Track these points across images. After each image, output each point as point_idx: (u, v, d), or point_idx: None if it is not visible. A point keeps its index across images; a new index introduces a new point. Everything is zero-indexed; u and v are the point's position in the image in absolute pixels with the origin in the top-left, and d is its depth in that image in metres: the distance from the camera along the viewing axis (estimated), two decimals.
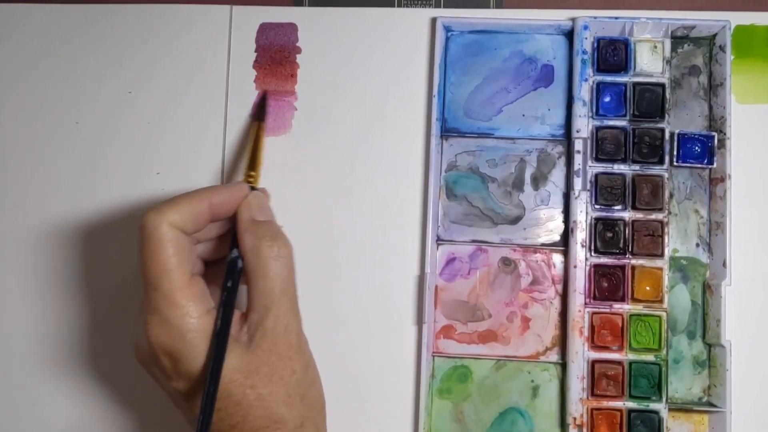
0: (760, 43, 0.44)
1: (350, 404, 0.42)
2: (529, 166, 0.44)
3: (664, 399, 0.41)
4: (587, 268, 0.42)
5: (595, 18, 0.43)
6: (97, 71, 0.46)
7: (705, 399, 0.42)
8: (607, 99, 0.43)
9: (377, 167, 0.44)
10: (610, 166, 0.42)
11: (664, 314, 0.41)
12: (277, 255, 0.35)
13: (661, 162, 0.42)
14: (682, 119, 0.43)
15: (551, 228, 0.43)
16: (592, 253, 0.42)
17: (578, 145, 0.43)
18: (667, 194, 0.42)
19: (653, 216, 0.42)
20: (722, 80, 0.43)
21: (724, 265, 0.41)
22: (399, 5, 0.45)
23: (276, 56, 0.45)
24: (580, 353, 0.41)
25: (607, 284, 0.42)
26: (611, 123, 0.43)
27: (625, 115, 0.43)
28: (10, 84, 0.46)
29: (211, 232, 0.37)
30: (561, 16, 0.44)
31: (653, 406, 0.41)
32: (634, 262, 0.42)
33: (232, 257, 0.36)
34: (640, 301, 0.42)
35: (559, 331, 0.43)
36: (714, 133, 0.42)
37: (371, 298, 0.43)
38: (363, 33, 0.45)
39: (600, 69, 0.43)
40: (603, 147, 0.43)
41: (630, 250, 0.42)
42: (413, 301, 0.43)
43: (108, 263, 0.44)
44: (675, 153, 0.42)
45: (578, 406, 0.41)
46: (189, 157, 0.45)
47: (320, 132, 0.44)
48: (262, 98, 0.44)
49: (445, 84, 0.44)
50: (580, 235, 0.42)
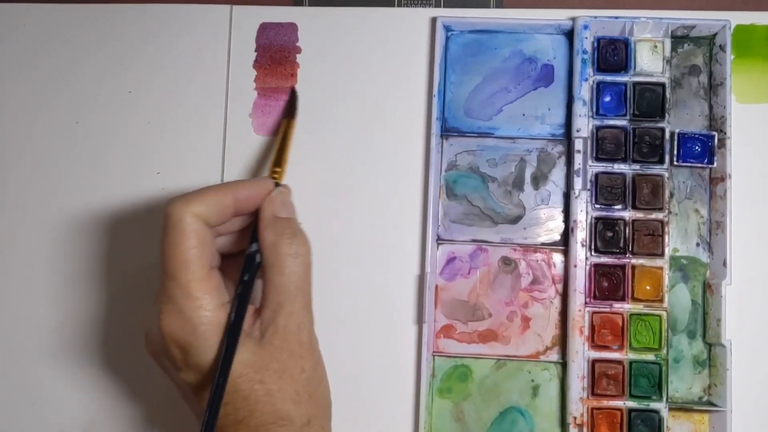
0: (760, 43, 0.44)
1: (350, 404, 0.42)
2: (530, 165, 0.44)
3: (664, 398, 0.41)
4: (587, 267, 0.42)
5: (595, 18, 0.43)
6: (97, 71, 0.46)
7: (705, 398, 0.42)
8: (608, 98, 0.43)
9: (377, 167, 0.44)
10: (611, 165, 0.42)
11: (664, 314, 0.41)
12: (296, 253, 0.36)
13: (661, 161, 0.42)
14: (683, 119, 0.43)
15: (551, 227, 0.43)
16: (593, 253, 0.42)
17: (578, 144, 0.43)
18: (667, 194, 0.42)
19: (653, 215, 0.42)
20: (722, 80, 0.43)
21: (725, 264, 0.41)
22: (399, 5, 0.45)
23: (276, 56, 0.45)
24: (581, 353, 0.41)
25: (608, 284, 0.42)
26: (611, 122, 0.43)
27: (625, 115, 0.43)
28: (10, 84, 0.46)
29: (233, 226, 0.38)
30: (561, 16, 0.44)
31: (653, 405, 0.41)
32: (634, 261, 0.42)
33: (251, 251, 0.36)
34: (641, 301, 0.42)
35: (559, 330, 0.43)
36: (714, 133, 0.42)
37: (371, 298, 0.43)
38: (363, 33, 0.45)
39: (600, 68, 0.43)
40: (603, 146, 0.43)
41: (630, 249, 0.42)
42: (413, 301, 0.43)
43: (108, 262, 0.45)
44: (675, 152, 0.42)
45: (578, 406, 0.41)
46: (189, 157, 0.45)
47: (320, 131, 0.44)
48: (292, 95, 0.44)
49: (445, 83, 0.44)
50: (581, 234, 0.42)
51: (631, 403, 0.41)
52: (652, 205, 0.42)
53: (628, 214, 0.42)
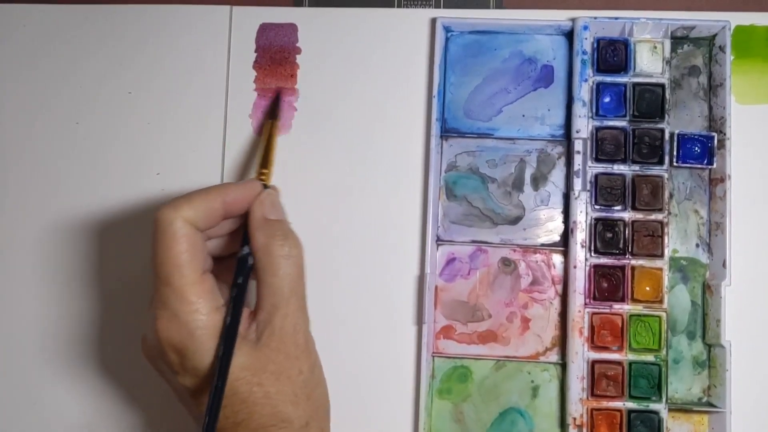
0: (759, 44, 0.44)
1: (350, 404, 0.42)
2: (529, 166, 0.44)
3: (663, 399, 0.41)
4: (587, 268, 0.42)
5: (595, 18, 0.43)
6: (97, 71, 0.46)
7: (705, 399, 0.42)
8: (607, 99, 0.43)
9: (377, 167, 0.44)
10: (610, 166, 0.42)
11: (663, 314, 0.41)
12: (288, 254, 0.36)
13: (660, 162, 0.42)
14: (682, 119, 0.43)
15: (551, 228, 0.43)
16: (592, 254, 0.42)
17: (578, 145, 0.43)
18: (666, 195, 0.42)
19: (653, 216, 0.42)
20: (722, 80, 0.43)
21: (724, 265, 0.41)
22: (399, 5, 0.45)
23: (276, 56, 0.45)
24: (580, 353, 0.41)
25: (607, 284, 0.42)
26: (611, 123, 0.43)
27: (624, 116, 0.43)
28: (10, 84, 0.46)
29: (223, 229, 0.37)
30: (561, 17, 0.44)
31: (653, 406, 0.41)
32: (633, 262, 0.42)
33: (242, 254, 0.36)
34: (640, 302, 0.42)
35: (558, 331, 0.43)
36: (714, 134, 0.42)
37: (371, 298, 0.43)
38: (363, 33, 0.45)
39: (600, 69, 0.43)
40: (603, 147, 0.43)
41: (630, 250, 0.42)
42: (413, 302, 0.43)
43: (108, 263, 0.45)
44: (675, 153, 0.42)
45: (578, 407, 0.41)
46: (189, 157, 0.45)
47: (320, 132, 0.44)
48: (276, 97, 0.44)
49: (445, 84, 0.44)
50: (580, 235, 0.42)
51: (631, 404, 0.41)
52: (652, 206, 0.42)
53: (627, 215, 0.42)
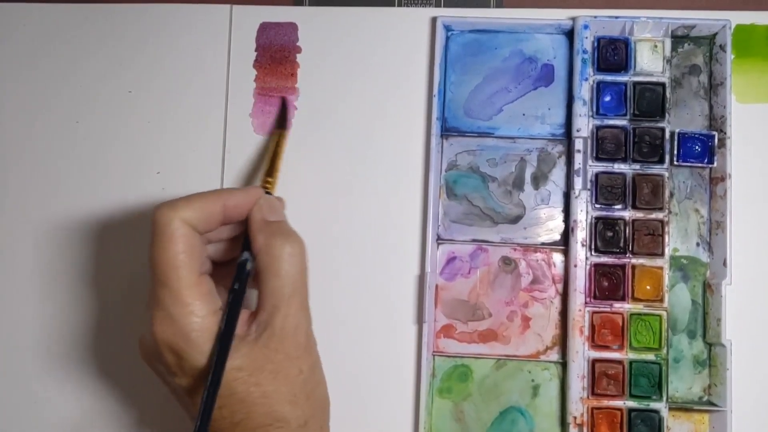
0: (760, 43, 0.44)
1: (350, 404, 0.42)
2: (530, 165, 0.44)
3: (664, 398, 0.41)
4: (587, 267, 0.42)
5: (596, 17, 0.43)
6: (97, 71, 0.46)
7: (705, 398, 0.42)
8: (608, 98, 0.43)
9: (377, 166, 0.44)
10: (611, 165, 0.42)
11: (664, 313, 0.41)
12: (290, 254, 0.35)
13: (661, 161, 0.42)
14: (683, 118, 0.43)
15: (551, 227, 0.43)
16: (593, 253, 0.42)
17: (578, 144, 0.43)
18: (667, 193, 0.42)
19: (653, 215, 0.42)
20: (722, 79, 0.43)
21: (725, 264, 0.41)
22: (399, 5, 0.45)
23: (276, 56, 0.45)
24: (581, 352, 0.41)
25: (608, 283, 0.42)
26: (611, 122, 0.43)
27: (625, 115, 0.43)
28: (10, 84, 0.46)
29: (223, 234, 0.37)
30: (561, 16, 0.44)
31: (653, 405, 0.41)
32: (634, 261, 0.42)
33: (242, 259, 0.36)
34: (641, 301, 0.42)
35: (559, 330, 0.43)
36: (714, 133, 0.42)
37: (371, 298, 0.43)
38: (363, 33, 0.45)
39: (600, 68, 0.43)
40: (603, 146, 0.43)
41: (630, 249, 0.42)
42: (413, 301, 0.43)
43: (108, 263, 0.45)
44: (675, 152, 0.42)
45: (578, 406, 0.41)
46: (189, 157, 0.45)
47: (320, 131, 0.44)
48: (282, 105, 0.44)
49: (445, 83, 0.44)
50: (581, 234, 0.42)
51: (631, 403, 0.41)
52: (652, 205, 0.42)
53: (628, 214, 0.42)
